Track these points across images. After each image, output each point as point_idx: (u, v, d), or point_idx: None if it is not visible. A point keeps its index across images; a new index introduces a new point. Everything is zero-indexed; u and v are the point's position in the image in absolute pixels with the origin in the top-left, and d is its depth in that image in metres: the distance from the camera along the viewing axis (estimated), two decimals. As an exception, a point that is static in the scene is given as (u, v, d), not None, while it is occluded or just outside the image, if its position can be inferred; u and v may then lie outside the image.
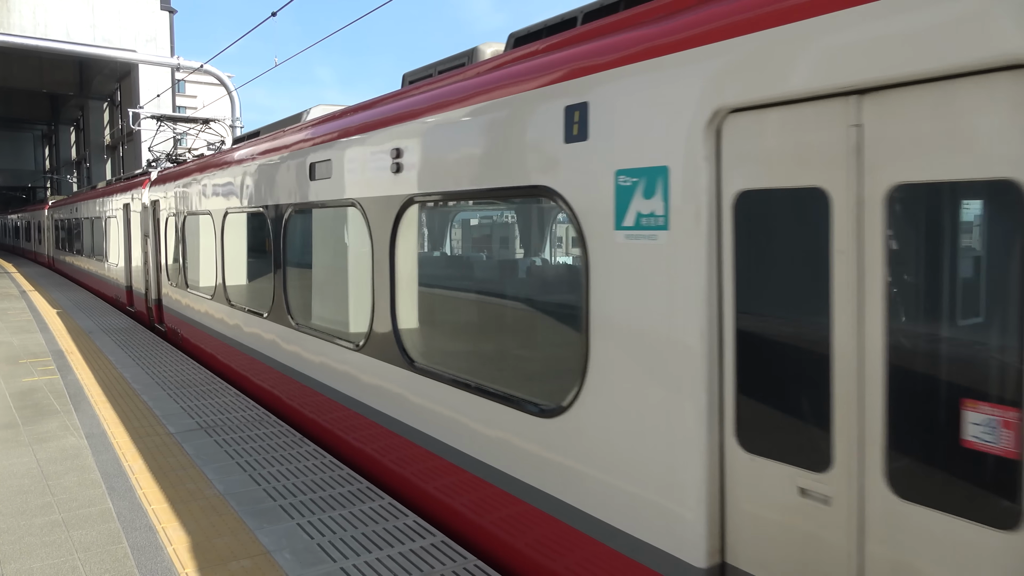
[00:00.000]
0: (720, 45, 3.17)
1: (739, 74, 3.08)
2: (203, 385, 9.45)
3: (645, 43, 3.57)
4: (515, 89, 4.42)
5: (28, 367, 10.59)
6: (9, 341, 12.85)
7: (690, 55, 3.30)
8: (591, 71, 3.84)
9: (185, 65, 29.32)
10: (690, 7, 3.46)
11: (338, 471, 6.19)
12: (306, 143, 7.37)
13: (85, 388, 9.24)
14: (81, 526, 5.12)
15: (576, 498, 3.98)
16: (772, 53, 2.95)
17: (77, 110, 54.09)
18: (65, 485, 5.89)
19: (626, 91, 3.61)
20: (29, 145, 68.03)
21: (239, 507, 5.43)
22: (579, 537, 3.97)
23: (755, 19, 3.04)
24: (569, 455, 4.03)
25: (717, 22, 3.21)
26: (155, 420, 7.79)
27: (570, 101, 3.95)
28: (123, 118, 41.31)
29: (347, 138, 6.47)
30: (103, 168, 49.65)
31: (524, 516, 4.41)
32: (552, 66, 4.17)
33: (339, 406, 6.77)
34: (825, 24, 2.77)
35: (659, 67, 3.45)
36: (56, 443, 6.97)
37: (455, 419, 5.04)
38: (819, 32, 2.79)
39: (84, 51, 31.71)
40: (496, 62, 4.88)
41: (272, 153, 8.30)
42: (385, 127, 5.84)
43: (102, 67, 41.47)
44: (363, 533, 4.97)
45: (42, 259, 38.98)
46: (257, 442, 7.01)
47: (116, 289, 19.01)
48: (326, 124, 7.13)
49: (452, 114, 5.02)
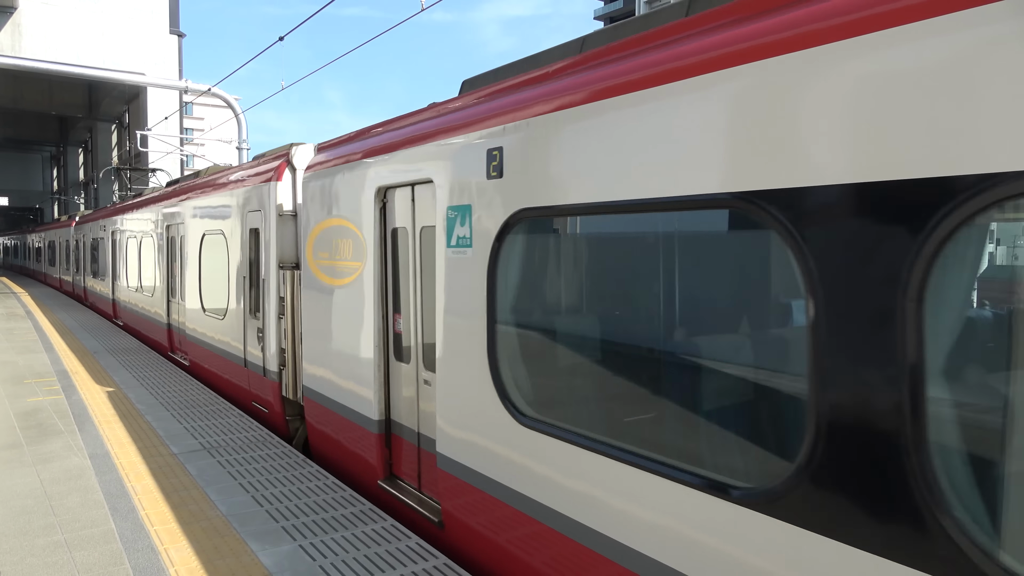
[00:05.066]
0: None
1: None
2: (207, 406, 9.47)
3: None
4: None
5: (33, 387, 10.62)
6: (14, 361, 12.90)
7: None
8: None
9: (193, 88, 29.65)
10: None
11: (340, 492, 6.18)
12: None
13: (89, 408, 9.26)
14: (83, 547, 5.12)
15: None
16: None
17: (85, 132, 54.62)
18: (68, 506, 5.90)
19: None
20: (37, 166, 68.62)
21: (241, 528, 5.43)
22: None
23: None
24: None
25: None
26: (159, 441, 7.80)
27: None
28: (131, 140, 41.71)
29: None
30: (110, 189, 50.06)
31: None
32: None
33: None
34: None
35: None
36: (60, 463, 6.98)
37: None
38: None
39: (94, 74, 32.11)
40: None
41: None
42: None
43: (111, 89, 41.94)
44: (365, 555, 4.96)
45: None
46: (260, 463, 7.01)
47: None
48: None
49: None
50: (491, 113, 4.73)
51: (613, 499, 3.74)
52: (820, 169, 2.74)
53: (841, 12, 2.72)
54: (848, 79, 2.65)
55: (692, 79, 3.30)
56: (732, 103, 3.09)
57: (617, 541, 3.72)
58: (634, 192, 3.58)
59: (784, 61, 2.88)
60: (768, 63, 2.95)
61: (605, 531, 3.79)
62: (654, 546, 3.50)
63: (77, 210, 45.45)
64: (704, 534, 3.24)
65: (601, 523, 3.82)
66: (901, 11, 2.51)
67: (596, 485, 3.85)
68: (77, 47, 36.13)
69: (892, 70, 2.52)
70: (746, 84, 3.03)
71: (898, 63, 2.51)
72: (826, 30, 2.76)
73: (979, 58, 2.29)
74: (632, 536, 3.63)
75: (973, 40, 2.31)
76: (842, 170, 2.66)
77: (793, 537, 2.86)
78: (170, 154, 36.10)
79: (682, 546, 3.35)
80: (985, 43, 2.28)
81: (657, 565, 3.48)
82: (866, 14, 2.63)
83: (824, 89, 2.73)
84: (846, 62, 2.67)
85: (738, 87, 3.07)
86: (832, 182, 2.69)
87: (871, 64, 2.59)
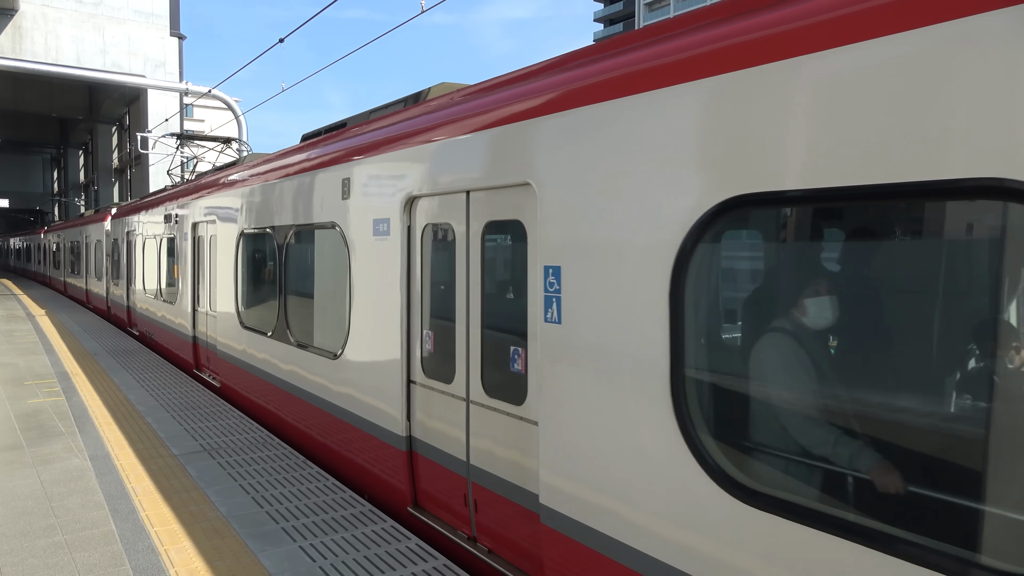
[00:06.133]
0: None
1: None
2: (207, 407, 9.47)
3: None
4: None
5: (33, 388, 10.63)
6: (15, 363, 12.91)
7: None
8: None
9: (194, 90, 29.70)
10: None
11: (340, 494, 6.19)
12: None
13: (89, 410, 9.27)
14: (84, 548, 5.13)
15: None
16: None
17: (86, 134, 54.69)
18: (68, 507, 5.91)
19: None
20: (38, 168, 68.68)
21: (241, 529, 5.44)
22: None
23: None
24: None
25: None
26: (159, 442, 7.80)
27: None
28: (131, 142, 41.75)
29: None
30: (111, 191, 50.09)
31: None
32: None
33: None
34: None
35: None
36: (60, 465, 6.99)
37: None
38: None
39: (94, 76, 32.18)
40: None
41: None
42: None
43: (111, 91, 41.99)
44: (365, 556, 4.97)
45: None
46: (260, 464, 7.02)
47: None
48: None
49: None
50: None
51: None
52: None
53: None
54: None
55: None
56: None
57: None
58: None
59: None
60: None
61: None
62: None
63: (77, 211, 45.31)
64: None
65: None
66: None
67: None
68: (78, 49, 36.17)
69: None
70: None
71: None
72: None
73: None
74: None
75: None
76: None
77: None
78: (170, 156, 36.10)
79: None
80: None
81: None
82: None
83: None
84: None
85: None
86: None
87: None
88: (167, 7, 39.03)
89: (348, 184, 6.64)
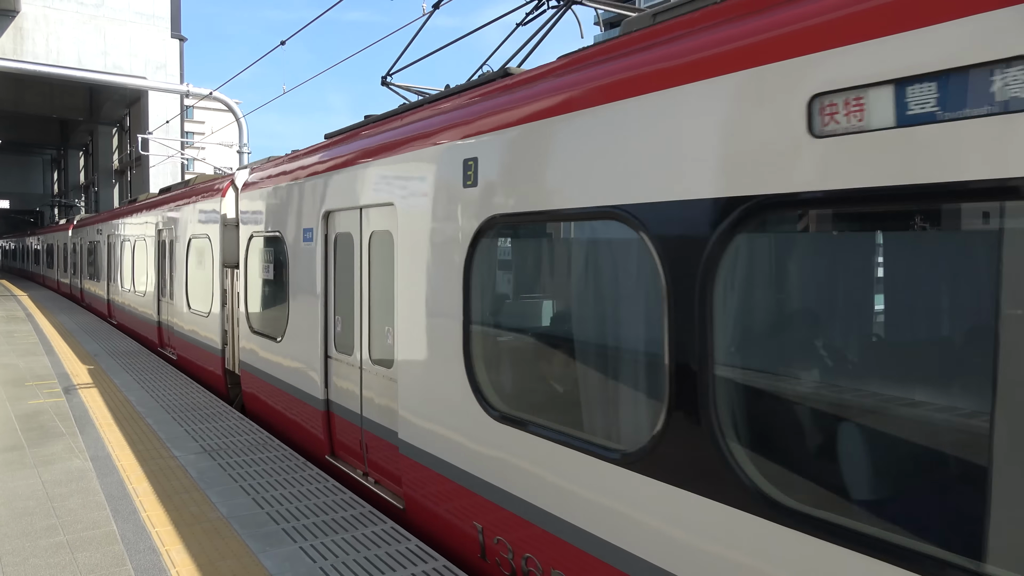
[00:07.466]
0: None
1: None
2: (207, 409, 9.50)
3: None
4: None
5: (34, 389, 10.65)
6: (15, 363, 12.94)
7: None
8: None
9: (195, 92, 29.71)
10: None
11: (340, 495, 6.21)
12: None
13: (90, 411, 9.29)
14: (85, 548, 5.15)
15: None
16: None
17: (86, 135, 54.71)
18: (69, 507, 5.93)
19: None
20: (38, 169, 68.67)
21: (242, 530, 5.46)
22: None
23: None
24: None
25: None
26: (159, 443, 7.83)
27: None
28: (132, 143, 41.78)
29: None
30: (111, 192, 50.12)
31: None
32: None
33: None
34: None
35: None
36: (61, 465, 7.02)
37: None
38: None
39: (95, 78, 32.17)
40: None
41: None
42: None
43: (112, 93, 42.01)
44: (365, 557, 4.99)
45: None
46: (261, 465, 7.04)
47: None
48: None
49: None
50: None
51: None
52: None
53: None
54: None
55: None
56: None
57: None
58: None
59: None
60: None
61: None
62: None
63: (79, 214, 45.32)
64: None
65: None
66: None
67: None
68: (78, 51, 36.19)
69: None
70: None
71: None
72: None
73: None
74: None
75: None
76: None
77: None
78: (171, 158, 36.17)
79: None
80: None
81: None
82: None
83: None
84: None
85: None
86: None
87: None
88: (168, 9, 39.07)
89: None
